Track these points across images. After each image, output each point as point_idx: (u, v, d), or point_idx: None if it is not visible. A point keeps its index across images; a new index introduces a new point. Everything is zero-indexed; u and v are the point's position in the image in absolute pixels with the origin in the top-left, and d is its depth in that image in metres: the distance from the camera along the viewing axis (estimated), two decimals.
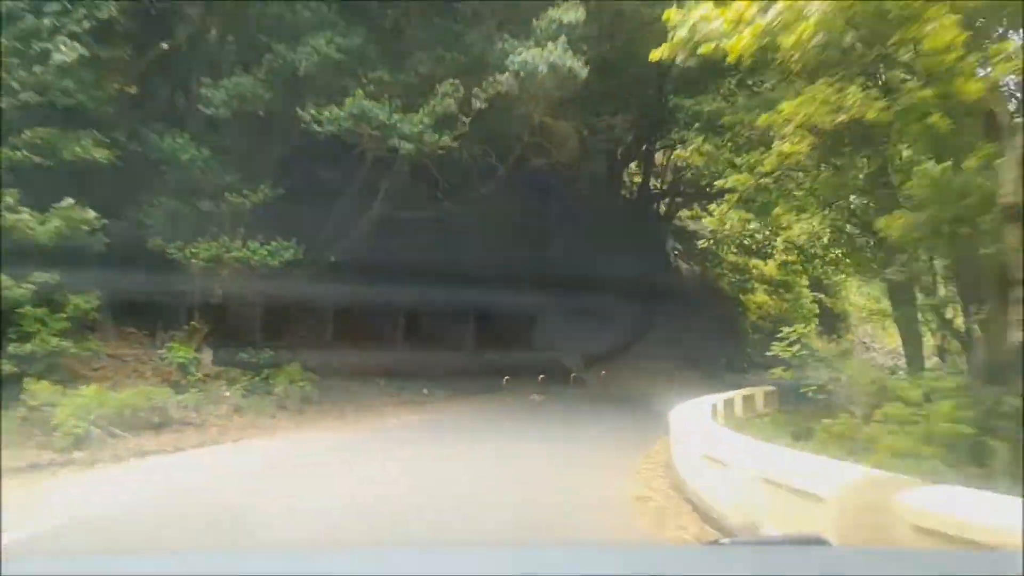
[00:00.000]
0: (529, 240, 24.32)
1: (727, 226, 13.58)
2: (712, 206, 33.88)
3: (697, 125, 15.72)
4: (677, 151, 28.37)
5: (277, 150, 15.56)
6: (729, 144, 14.97)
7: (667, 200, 31.20)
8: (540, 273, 22.50)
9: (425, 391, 19.84)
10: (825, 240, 31.13)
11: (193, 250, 14.35)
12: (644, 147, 29.46)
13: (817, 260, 31.72)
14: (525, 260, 23.27)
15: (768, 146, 13.62)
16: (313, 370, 16.29)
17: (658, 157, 31.36)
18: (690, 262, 32.98)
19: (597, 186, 29.09)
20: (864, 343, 37.57)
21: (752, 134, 13.34)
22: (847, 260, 28.02)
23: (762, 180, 12.17)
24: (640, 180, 30.84)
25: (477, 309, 21.47)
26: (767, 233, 31.11)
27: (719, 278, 32.97)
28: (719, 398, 13.56)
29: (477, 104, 14.95)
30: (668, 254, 31.91)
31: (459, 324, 22.13)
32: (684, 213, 33.18)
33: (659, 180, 31.19)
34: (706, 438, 8.14)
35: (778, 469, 5.98)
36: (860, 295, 39.18)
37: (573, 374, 23.97)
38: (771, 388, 17.02)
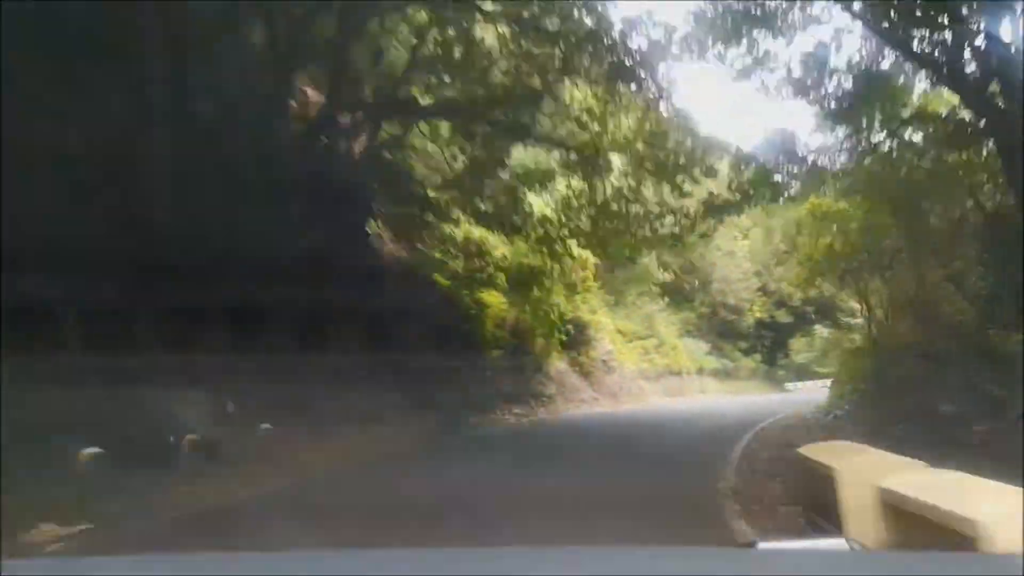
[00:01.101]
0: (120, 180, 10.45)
1: None
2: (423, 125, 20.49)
3: None
4: None
5: None
6: None
7: (364, 124, 18.60)
8: (127, 235, 11.30)
9: None
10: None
11: None
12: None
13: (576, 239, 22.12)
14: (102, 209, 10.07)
15: None
16: None
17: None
18: (396, 236, 20.77)
19: (244, 101, 15.65)
20: (604, 361, 29.14)
21: None
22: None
23: None
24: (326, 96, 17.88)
25: None
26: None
27: (441, 265, 21.21)
28: None
29: None
30: (367, 222, 19.32)
31: None
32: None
33: (352, 93, 18.56)
34: None
35: None
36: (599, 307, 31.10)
37: (190, 437, 10.12)
38: None
